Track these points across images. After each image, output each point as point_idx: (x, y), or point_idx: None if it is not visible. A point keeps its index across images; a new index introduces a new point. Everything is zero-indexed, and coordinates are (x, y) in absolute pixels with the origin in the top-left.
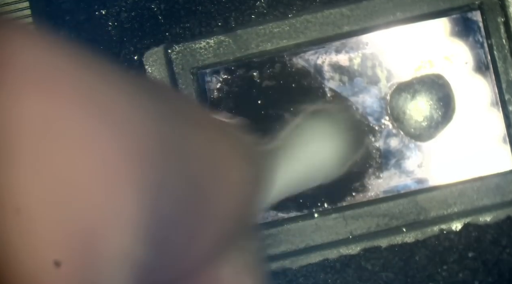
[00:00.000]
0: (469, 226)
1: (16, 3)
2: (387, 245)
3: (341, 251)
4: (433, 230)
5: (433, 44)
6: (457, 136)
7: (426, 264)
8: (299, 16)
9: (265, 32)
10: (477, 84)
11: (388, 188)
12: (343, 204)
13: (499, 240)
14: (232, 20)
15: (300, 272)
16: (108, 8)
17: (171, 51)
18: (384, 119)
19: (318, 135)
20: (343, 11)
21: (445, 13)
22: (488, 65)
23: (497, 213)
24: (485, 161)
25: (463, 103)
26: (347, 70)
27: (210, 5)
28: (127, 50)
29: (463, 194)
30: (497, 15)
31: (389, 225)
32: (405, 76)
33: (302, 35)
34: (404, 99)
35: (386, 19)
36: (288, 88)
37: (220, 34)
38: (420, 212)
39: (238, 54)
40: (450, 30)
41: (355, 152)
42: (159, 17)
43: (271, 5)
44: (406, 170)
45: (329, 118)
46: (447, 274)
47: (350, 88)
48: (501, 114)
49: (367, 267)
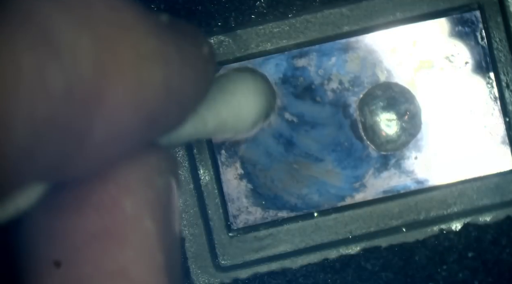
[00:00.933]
0: (469, 226)
1: None
2: (387, 245)
3: (341, 251)
4: (433, 230)
5: (433, 44)
6: (457, 136)
7: (425, 264)
8: (299, 16)
9: (265, 32)
10: (477, 84)
11: (388, 188)
12: (343, 204)
13: (499, 240)
14: (232, 20)
15: (300, 272)
16: None
17: None
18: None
19: (241, 87)
20: (343, 11)
21: (445, 13)
22: (488, 65)
23: (497, 213)
24: (485, 161)
25: (463, 103)
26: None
27: (210, 5)
28: None
29: (463, 194)
30: (497, 15)
31: (389, 225)
32: (405, 76)
33: (302, 35)
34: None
35: (386, 19)
36: None
37: (220, 34)
38: (420, 212)
39: (238, 54)
40: (450, 30)
41: (268, 113)
42: None
43: (271, 5)
44: (406, 170)
45: (252, 76)
46: (447, 274)
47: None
48: (501, 114)
49: (366, 267)
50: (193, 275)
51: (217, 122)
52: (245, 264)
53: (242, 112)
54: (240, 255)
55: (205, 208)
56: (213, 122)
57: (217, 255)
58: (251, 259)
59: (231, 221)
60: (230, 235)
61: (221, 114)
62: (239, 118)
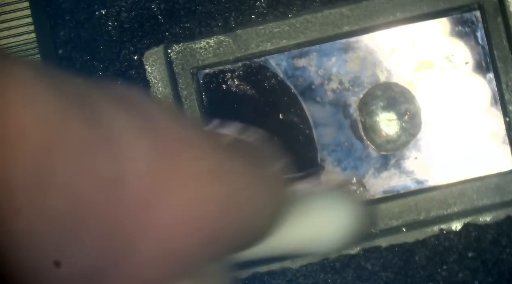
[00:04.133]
0: (469, 226)
1: (16, 3)
2: (387, 245)
3: (341, 251)
4: (433, 230)
5: (433, 44)
6: (456, 136)
7: (426, 264)
8: (299, 16)
9: (265, 32)
10: (477, 84)
11: (388, 188)
12: None
13: (499, 240)
14: (232, 20)
15: (300, 272)
16: (108, 8)
17: (171, 51)
18: None
19: (333, 208)
20: (343, 11)
21: (445, 13)
22: (488, 65)
23: (497, 213)
24: (485, 161)
25: (463, 103)
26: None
27: (210, 5)
28: (127, 50)
29: (463, 194)
30: (497, 15)
31: (389, 225)
32: (405, 76)
33: (302, 35)
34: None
35: (386, 19)
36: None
37: (220, 34)
38: (420, 212)
39: (238, 54)
40: (450, 30)
41: (356, 237)
42: (159, 17)
43: (271, 5)
44: (406, 170)
45: (349, 198)
46: (447, 274)
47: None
48: (501, 114)
49: (367, 267)
50: None
51: (293, 246)
52: (245, 264)
53: (321, 238)
54: (239, 255)
55: None
56: (289, 245)
57: None
58: (251, 259)
59: None
60: None
61: (297, 238)
62: (317, 244)
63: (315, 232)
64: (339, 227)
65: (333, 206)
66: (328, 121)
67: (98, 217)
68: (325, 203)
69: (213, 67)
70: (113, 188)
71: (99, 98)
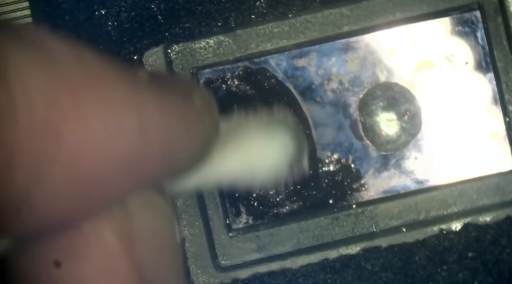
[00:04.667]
0: (469, 226)
1: (16, 3)
2: (387, 245)
3: (341, 251)
4: (432, 230)
5: (433, 44)
6: (456, 136)
7: (425, 264)
8: (299, 16)
9: (265, 32)
10: (477, 84)
11: (388, 188)
12: (343, 204)
13: (499, 240)
14: (232, 20)
15: (300, 272)
16: (108, 8)
17: (171, 51)
18: None
19: (266, 135)
20: (343, 11)
21: (445, 13)
22: (488, 65)
23: (497, 213)
24: (485, 161)
25: (463, 103)
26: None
27: (210, 5)
28: (127, 50)
29: (463, 194)
30: (497, 15)
31: (389, 225)
32: (405, 76)
33: (302, 35)
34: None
35: (386, 19)
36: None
37: (219, 34)
38: (420, 212)
39: (238, 54)
40: (450, 30)
41: (295, 162)
42: (158, 17)
43: (271, 5)
44: (406, 170)
45: (279, 123)
46: (447, 274)
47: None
48: (501, 114)
49: (366, 267)
50: (193, 275)
51: (227, 174)
52: (245, 264)
53: (256, 164)
54: (240, 255)
55: (205, 208)
56: (223, 174)
57: (217, 255)
58: (251, 259)
59: (231, 221)
60: (230, 235)
61: (231, 166)
62: (253, 171)
63: (247, 159)
64: (271, 153)
65: (264, 133)
66: (328, 121)
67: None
68: (257, 132)
69: (213, 67)
70: (3, 121)
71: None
